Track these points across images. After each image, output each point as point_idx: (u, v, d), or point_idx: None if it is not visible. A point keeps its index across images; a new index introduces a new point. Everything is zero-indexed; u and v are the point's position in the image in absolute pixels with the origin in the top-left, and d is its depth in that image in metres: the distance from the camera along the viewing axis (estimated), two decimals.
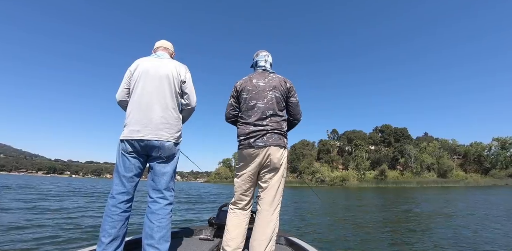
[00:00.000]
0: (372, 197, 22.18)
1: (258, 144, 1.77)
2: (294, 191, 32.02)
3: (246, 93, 1.91)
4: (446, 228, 6.94)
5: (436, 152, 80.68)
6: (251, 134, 1.81)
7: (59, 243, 4.53)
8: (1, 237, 4.69)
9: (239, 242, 1.78)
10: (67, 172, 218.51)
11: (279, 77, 1.94)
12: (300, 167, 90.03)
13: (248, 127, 1.84)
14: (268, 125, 1.81)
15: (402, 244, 5.20)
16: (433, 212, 10.67)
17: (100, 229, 1.63)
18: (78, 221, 6.59)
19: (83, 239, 4.86)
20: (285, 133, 1.88)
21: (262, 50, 2.11)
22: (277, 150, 1.78)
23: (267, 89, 1.87)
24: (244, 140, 1.84)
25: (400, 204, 14.60)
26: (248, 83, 1.93)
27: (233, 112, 1.99)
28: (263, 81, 1.91)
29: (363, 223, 7.82)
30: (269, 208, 1.77)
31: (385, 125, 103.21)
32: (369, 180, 78.14)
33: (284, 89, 1.89)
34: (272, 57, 2.11)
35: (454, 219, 8.65)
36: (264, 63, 2.03)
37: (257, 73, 1.99)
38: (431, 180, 71.78)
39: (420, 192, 30.65)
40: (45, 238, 4.74)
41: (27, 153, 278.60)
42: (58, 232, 5.25)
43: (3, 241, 4.45)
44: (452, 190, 39.24)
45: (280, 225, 1.84)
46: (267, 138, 1.78)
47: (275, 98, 1.86)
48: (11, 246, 4.18)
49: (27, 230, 5.29)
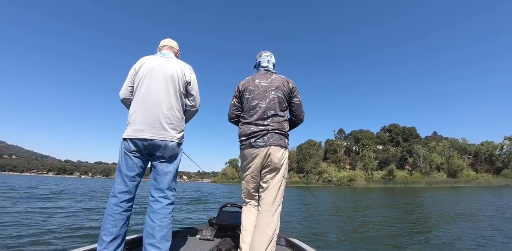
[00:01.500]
0: (380, 198, 21.92)
1: (258, 143, 1.77)
2: (299, 191, 31.86)
3: (248, 93, 1.91)
4: (461, 232, 6.45)
5: (446, 152, 79.15)
6: (252, 134, 1.81)
7: (60, 241, 4.55)
8: (1, 236, 4.72)
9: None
10: (77, 173, 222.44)
11: (281, 77, 1.94)
12: (306, 167, 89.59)
13: (249, 127, 1.85)
14: (269, 125, 1.81)
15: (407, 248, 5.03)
16: (444, 212, 10.47)
17: (101, 227, 1.64)
18: (79, 220, 6.63)
19: (84, 237, 4.88)
20: (286, 133, 1.87)
21: (265, 51, 2.11)
22: (277, 150, 1.77)
23: (270, 89, 1.87)
24: (245, 140, 1.85)
25: (408, 205, 14.38)
26: (251, 83, 1.94)
27: (236, 112, 2.00)
28: (266, 81, 1.91)
29: (367, 224, 7.71)
30: (269, 208, 1.75)
31: (393, 124, 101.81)
32: (377, 180, 77.15)
33: (286, 89, 1.89)
34: (275, 57, 2.12)
35: (469, 221, 8.39)
36: (267, 64, 2.03)
37: (260, 73, 2.00)
38: (440, 180, 70.47)
39: (430, 193, 30.13)
40: (46, 237, 4.76)
41: (38, 154, 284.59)
42: (59, 231, 5.28)
43: (4, 240, 4.48)
44: (463, 190, 38.45)
45: (281, 225, 1.81)
46: (267, 138, 1.78)
47: (277, 98, 1.85)
48: (12, 245, 4.21)
49: (28, 229, 5.32)
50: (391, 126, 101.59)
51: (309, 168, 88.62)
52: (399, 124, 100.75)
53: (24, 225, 5.78)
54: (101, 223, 1.66)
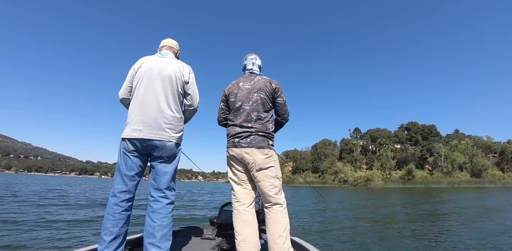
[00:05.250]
0: (398, 198, 21.23)
1: (241, 144, 1.84)
2: (316, 191, 31.42)
3: (233, 96, 1.98)
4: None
5: (469, 150, 75.84)
6: (237, 135, 1.87)
7: (61, 241, 4.56)
8: (2, 235, 4.77)
9: (252, 242, 1.75)
10: (97, 173, 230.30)
11: (264, 79, 1.99)
12: (321, 167, 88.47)
13: (234, 128, 1.91)
14: (253, 127, 1.86)
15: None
16: (470, 215, 9.98)
17: (102, 227, 1.65)
18: (80, 219, 6.67)
19: (85, 237, 4.88)
20: (269, 134, 1.90)
21: (250, 54, 2.16)
22: (259, 151, 1.81)
23: (252, 91, 1.93)
24: (230, 140, 1.92)
25: (430, 207, 13.83)
26: (235, 86, 2.01)
27: (223, 115, 2.09)
28: (249, 84, 1.97)
29: (379, 227, 7.39)
30: (268, 207, 1.82)
31: (412, 122, 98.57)
32: (395, 180, 75.01)
33: (269, 90, 1.93)
34: (261, 59, 2.19)
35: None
36: (252, 66, 2.09)
37: (245, 76, 2.06)
38: (463, 180, 67.61)
39: (453, 193, 28.90)
40: (47, 236, 4.78)
41: (61, 156, 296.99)
42: (60, 231, 5.30)
43: (5, 238, 4.54)
44: (488, 191, 36.62)
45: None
46: (250, 139, 1.83)
47: (260, 99, 1.90)
48: (14, 243, 4.25)
49: (30, 229, 5.36)
50: (409, 124, 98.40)
51: (324, 168, 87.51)
52: (418, 122, 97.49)
53: (28, 223, 5.85)
54: (102, 223, 1.68)
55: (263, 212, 1.91)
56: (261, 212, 2.14)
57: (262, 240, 1.98)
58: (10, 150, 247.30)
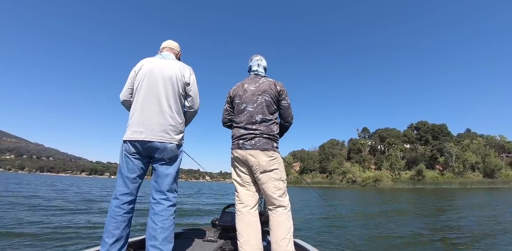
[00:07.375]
0: (407, 199, 20.82)
1: (246, 146, 1.83)
2: (325, 192, 31.23)
3: (238, 98, 1.98)
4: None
5: (481, 150, 73.94)
6: (242, 136, 1.87)
7: (62, 243, 4.51)
8: (3, 235, 4.76)
9: (254, 244, 1.74)
10: (107, 173, 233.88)
11: (269, 81, 1.97)
12: (329, 167, 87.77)
13: (239, 130, 1.91)
14: (257, 129, 1.85)
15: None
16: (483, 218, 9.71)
17: (104, 229, 1.65)
18: (82, 221, 6.58)
19: (87, 239, 4.83)
20: (274, 137, 1.89)
21: (256, 55, 2.15)
22: (264, 153, 1.80)
23: (257, 93, 1.92)
24: (235, 141, 1.92)
25: (440, 208, 13.53)
26: (240, 88, 2.00)
27: (228, 116, 2.08)
28: (254, 86, 1.96)
29: (386, 230, 7.10)
30: (272, 209, 1.82)
31: (421, 121, 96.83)
32: (404, 180, 73.79)
33: (274, 92, 1.92)
34: (266, 60, 2.16)
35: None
36: (257, 68, 2.08)
37: (250, 78, 2.06)
38: (476, 181, 65.95)
39: (464, 194, 28.19)
40: (48, 238, 4.73)
41: (72, 156, 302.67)
42: (61, 232, 5.25)
43: (5, 239, 4.51)
44: (502, 191, 35.62)
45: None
46: (255, 142, 1.82)
47: (265, 101, 1.90)
48: (13, 245, 4.21)
49: (31, 229, 5.30)
50: (419, 124, 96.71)
51: (332, 168, 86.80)
52: (428, 121, 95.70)
53: (29, 224, 5.82)
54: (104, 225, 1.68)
55: (266, 214, 1.90)
56: (264, 214, 2.12)
57: (264, 242, 1.95)
58: (24, 151, 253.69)
